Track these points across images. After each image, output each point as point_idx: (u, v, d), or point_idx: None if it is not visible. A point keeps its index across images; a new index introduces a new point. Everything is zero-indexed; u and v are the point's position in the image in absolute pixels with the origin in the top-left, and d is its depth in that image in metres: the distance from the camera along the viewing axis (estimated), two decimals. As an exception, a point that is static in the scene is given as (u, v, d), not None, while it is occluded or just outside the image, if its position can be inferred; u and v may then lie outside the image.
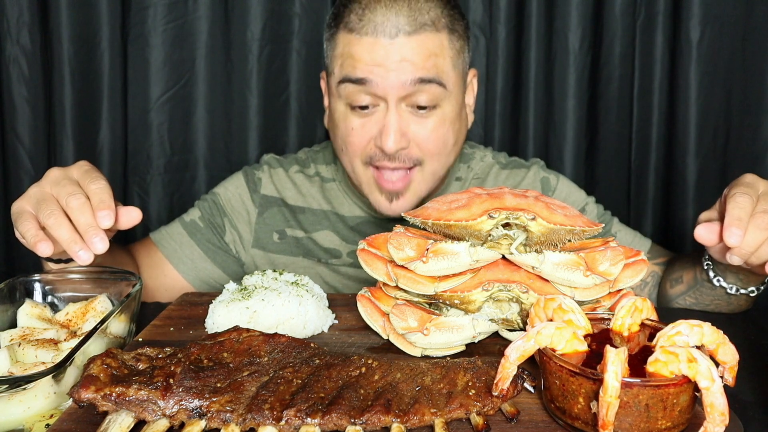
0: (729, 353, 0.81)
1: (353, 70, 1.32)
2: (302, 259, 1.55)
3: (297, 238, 1.56)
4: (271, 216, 1.57)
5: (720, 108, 1.92)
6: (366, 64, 1.30)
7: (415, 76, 1.30)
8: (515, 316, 0.99)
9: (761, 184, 1.07)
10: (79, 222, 1.01)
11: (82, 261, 1.00)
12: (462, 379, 0.84)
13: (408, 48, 1.30)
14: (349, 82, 1.33)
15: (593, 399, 0.75)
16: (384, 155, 1.35)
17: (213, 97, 2.00)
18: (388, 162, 1.36)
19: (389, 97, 1.31)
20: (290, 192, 1.59)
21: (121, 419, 0.78)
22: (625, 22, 1.92)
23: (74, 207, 1.02)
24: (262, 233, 1.57)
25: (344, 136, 1.39)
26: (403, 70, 1.29)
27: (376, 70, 1.30)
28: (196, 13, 1.95)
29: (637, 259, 1.00)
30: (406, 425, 0.78)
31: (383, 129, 1.32)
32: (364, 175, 1.41)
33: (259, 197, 1.58)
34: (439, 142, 1.37)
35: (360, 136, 1.36)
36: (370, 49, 1.30)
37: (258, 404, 0.79)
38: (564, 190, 1.58)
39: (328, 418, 0.78)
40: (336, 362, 0.87)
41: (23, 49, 1.88)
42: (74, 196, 1.03)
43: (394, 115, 1.32)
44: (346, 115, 1.37)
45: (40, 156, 1.94)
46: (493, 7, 1.94)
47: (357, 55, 1.31)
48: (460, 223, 0.94)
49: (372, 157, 1.37)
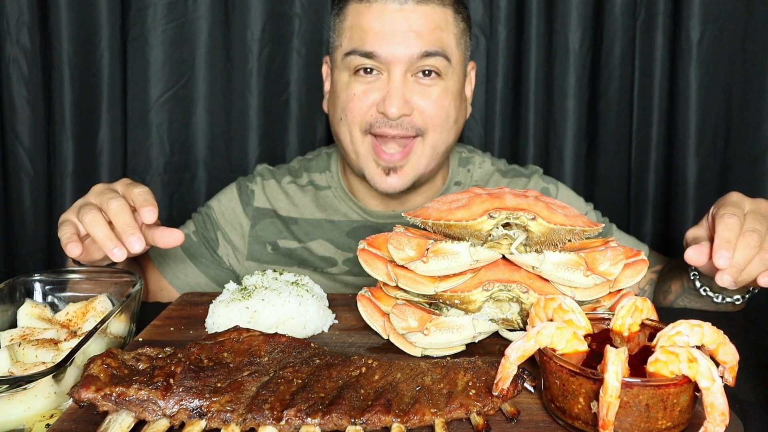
0: (729, 353, 0.81)
1: (362, 42, 1.34)
2: (297, 269, 1.55)
3: (290, 249, 1.55)
4: (263, 228, 1.57)
5: (720, 108, 1.92)
6: (375, 35, 1.33)
7: (422, 49, 1.33)
8: (515, 316, 0.99)
9: (747, 203, 1.08)
10: (117, 222, 1.08)
11: (116, 258, 1.06)
12: (462, 379, 0.84)
13: (415, 17, 1.32)
14: (357, 55, 1.35)
15: (593, 399, 0.75)
16: (385, 121, 1.35)
17: (213, 97, 2.00)
18: (389, 129, 1.36)
19: (394, 67, 1.34)
20: (282, 203, 1.58)
21: (122, 419, 0.78)
22: (625, 22, 1.92)
23: (113, 208, 1.09)
24: (255, 245, 1.57)
25: (345, 104, 1.39)
26: (410, 42, 1.32)
27: (384, 43, 1.32)
28: (196, 13, 1.95)
29: (638, 259, 1.00)
30: (407, 425, 0.78)
31: (387, 94, 1.34)
32: (362, 145, 1.40)
33: (251, 209, 1.58)
34: (442, 112, 1.38)
35: (362, 101, 1.37)
36: (380, 17, 1.32)
37: (258, 404, 0.79)
38: (563, 198, 1.58)
39: (329, 418, 0.78)
40: (336, 362, 0.87)
41: (23, 49, 1.88)
42: (114, 200, 1.10)
43: (399, 81, 1.34)
44: (348, 83, 1.39)
45: (40, 156, 1.94)
46: (493, 7, 1.94)
47: (366, 26, 1.34)
48: (461, 223, 0.94)
49: (372, 125, 1.37)
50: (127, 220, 1.08)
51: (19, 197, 1.96)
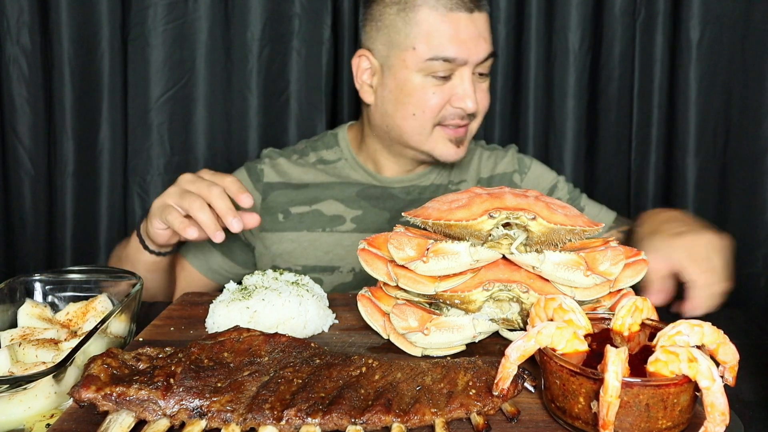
0: (729, 353, 0.81)
1: (444, 49, 1.48)
2: (306, 233, 1.62)
3: (301, 214, 1.63)
4: (274, 198, 1.65)
5: (720, 108, 1.93)
6: (454, 42, 1.47)
7: (488, 51, 1.52)
8: (515, 315, 0.99)
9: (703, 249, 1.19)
10: (219, 207, 1.23)
11: (216, 239, 1.23)
12: (462, 378, 0.84)
13: (480, 23, 1.50)
14: (439, 60, 1.48)
15: (594, 399, 0.75)
16: (456, 114, 1.52)
17: (213, 97, 2.00)
18: (460, 120, 1.54)
19: (465, 68, 1.50)
20: (294, 173, 1.68)
21: (122, 419, 0.78)
22: (625, 22, 1.92)
23: (215, 194, 1.23)
24: (266, 217, 1.63)
25: (422, 102, 1.52)
26: (481, 46, 1.50)
27: (462, 49, 1.48)
28: (196, 13, 1.95)
29: (638, 258, 1.00)
30: (407, 425, 0.78)
31: (463, 94, 1.51)
32: (432, 134, 1.55)
33: (262, 185, 1.66)
34: (488, 102, 1.60)
35: (440, 98, 1.51)
36: (455, 25, 1.47)
37: (258, 404, 0.79)
38: (537, 170, 1.73)
39: (329, 418, 0.78)
40: (336, 362, 0.87)
41: (23, 49, 1.88)
42: (214, 187, 1.25)
43: (470, 81, 1.51)
44: (424, 84, 1.51)
45: (40, 156, 1.94)
46: (493, 7, 1.94)
47: (446, 33, 1.47)
48: (461, 222, 0.94)
49: (446, 117, 1.53)
50: (229, 204, 1.23)
51: (19, 197, 1.96)
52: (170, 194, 1.28)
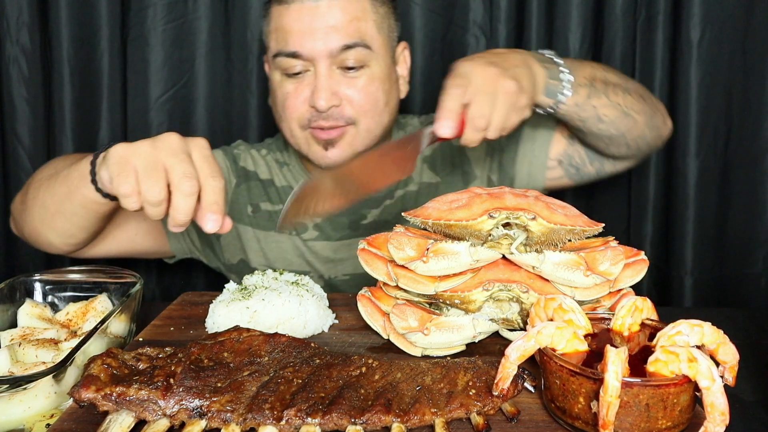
0: (729, 353, 0.81)
1: (285, 44, 1.41)
2: (273, 234, 1.60)
3: (269, 212, 1.61)
4: (247, 189, 1.62)
5: (720, 108, 1.92)
6: (296, 34, 1.39)
7: (341, 43, 1.40)
8: (515, 315, 0.99)
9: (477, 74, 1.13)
10: (177, 207, 0.94)
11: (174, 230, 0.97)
12: (462, 378, 0.84)
13: (331, 12, 1.39)
14: (282, 56, 1.42)
15: (594, 399, 0.75)
16: (318, 115, 1.43)
17: (213, 97, 2.00)
18: (323, 121, 1.44)
19: (318, 62, 1.41)
20: (262, 168, 1.65)
21: (122, 419, 0.78)
22: (625, 22, 1.92)
23: (183, 190, 0.94)
24: (237, 204, 1.61)
25: (282, 102, 1.47)
26: (330, 37, 1.39)
27: (305, 41, 1.39)
28: (196, 13, 1.94)
29: (638, 258, 1.00)
30: (407, 425, 0.78)
31: (314, 89, 1.41)
32: (302, 136, 1.49)
33: (237, 168, 1.64)
34: (370, 99, 1.45)
35: (295, 99, 1.45)
36: (298, 16, 1.39)
37: (258, 404, 0.79)
38: None
39: (329, 418, 0.78)
40: (336, 362, 0.87)
41: (23, 49, 1.88)
42: (188, 179, 0.94)
43: (324, 76, 1.41)
44: (281, 83, 1.46)
45: (39, 156, 1.94)
46: (493, 7, 1.93)
47: (287, 27, 1.41)
48: (461, 222, 0.94)
49: (309, 119, 1.45)
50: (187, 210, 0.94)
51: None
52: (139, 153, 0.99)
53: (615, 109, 1.35)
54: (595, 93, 1.32)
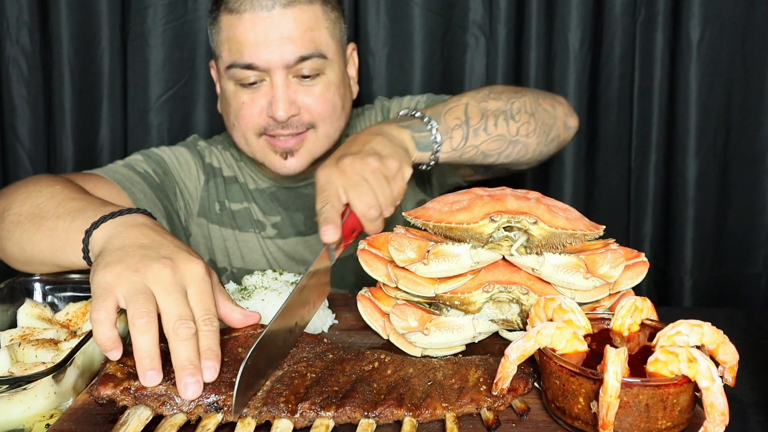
0: (729, 353, 0.81)
1: (240, 55, 1.38)
2: (239, 232, 1.58)
3: (234, 211, 1.59)
4: (214, 186, 1.60)
5: (720, 108, 1.92)
6: (250, 46, 1.37)
7: (297, 54, 1.38)
8: (515, 316, 0.99)
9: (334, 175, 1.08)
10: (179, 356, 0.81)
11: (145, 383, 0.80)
12: (473, 375, 0.85)
13: (285, 22, 1.36)
14: (237, 68, 1.39)
15: (593, 399, 0.75)
16: (277, 124, 1.41)
17: (213, 97, 1.99)
18: (281, 130, 1.42)
19: (274, 73, 1.39)
20: (224, 165, 1.62)
21: (140, 412, 0.79)
22: (625, 22, 1.92)
23: (181, 336, 0.81)
24: (206, 202, 1.59)
25: (236, 112, 1.44)
26: (285, 49, 1.37)
27: (260, 52, 1.37)
28: (196, 13, 1.94)
29: (638, 260, 1.00)
30: (418, 419, 0.80)
31: (273, 100, 1.39)
32: (258, 145, 1.46)
33: (204, 165, 1.61)
34: (328, 105, 1.44)
35: (251, 108, 1.42)
36: (251, 27, 1.36)
37: (273, 398, 0.80)
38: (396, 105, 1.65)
39: (342, 411, 0.79)
40: (349, 357, 0.89)
41: (23, 49, 1.88)
42: (184, 324, 0.82)
43: (281, 86, 1.39)
44: (236, 93, 1.43)
45: (39, 156, 1.94)
46: (493, 7, 1.93)
47: (241, 38, 1.38)
48: (462, 225, 0.94)
49: (266, 128, 1.43)
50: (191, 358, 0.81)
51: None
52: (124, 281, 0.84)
53: (499, 141, 1.31)
54: (472, 132, 1.27)
